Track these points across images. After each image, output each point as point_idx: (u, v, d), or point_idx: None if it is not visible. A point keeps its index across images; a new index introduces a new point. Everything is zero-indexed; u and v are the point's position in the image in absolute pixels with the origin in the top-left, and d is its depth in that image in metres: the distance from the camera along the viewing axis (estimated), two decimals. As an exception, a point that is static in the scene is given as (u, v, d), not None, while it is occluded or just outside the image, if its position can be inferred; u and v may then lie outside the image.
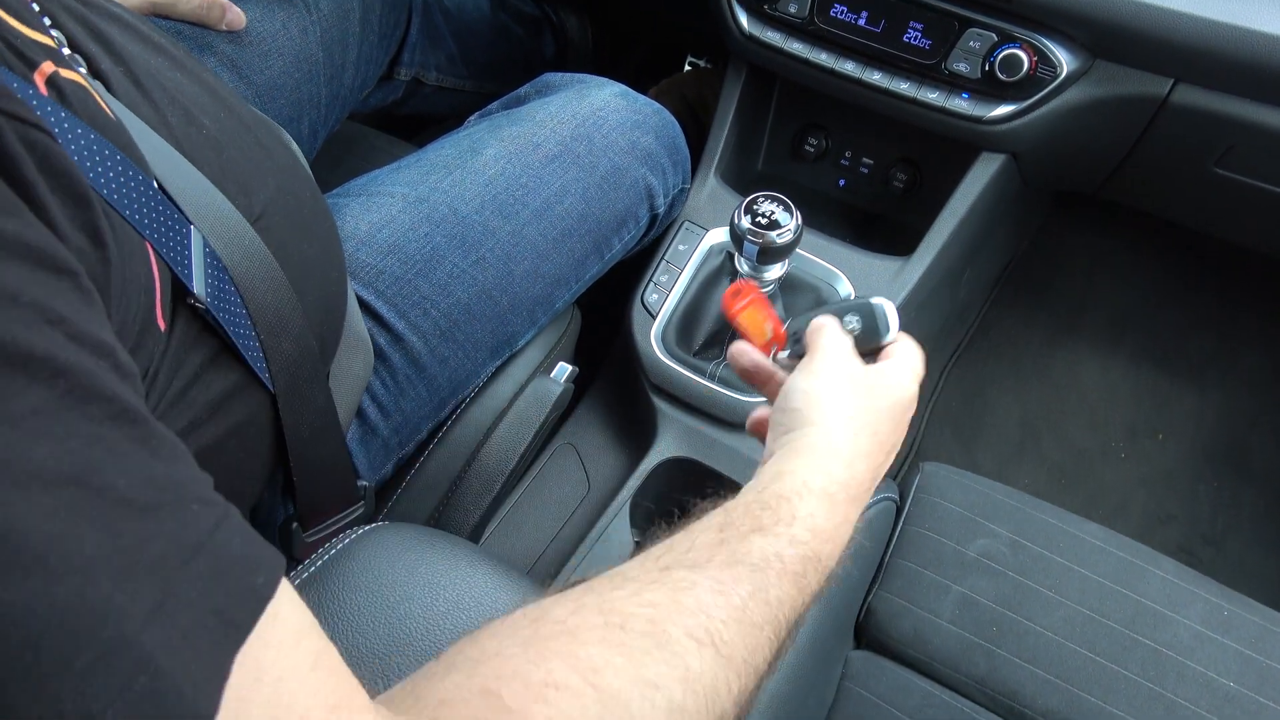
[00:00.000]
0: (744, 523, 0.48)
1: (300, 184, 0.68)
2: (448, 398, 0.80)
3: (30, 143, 0.32)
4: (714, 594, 0.43)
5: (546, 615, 0.40)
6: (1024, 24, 0.84)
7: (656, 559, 0.46)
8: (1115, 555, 0.77)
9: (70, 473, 0.27)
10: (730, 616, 0.43)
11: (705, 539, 0.47)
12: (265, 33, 0.87)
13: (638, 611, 0.41)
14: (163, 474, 0.30)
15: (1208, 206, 1.03)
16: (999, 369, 1.40)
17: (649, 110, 0.92)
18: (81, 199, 0.35)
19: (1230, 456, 1.32)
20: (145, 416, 0.31)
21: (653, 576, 0.44)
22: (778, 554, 0.47)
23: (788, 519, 0.49)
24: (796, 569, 0.47)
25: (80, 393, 0.28)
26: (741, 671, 0.43)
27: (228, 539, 0.31)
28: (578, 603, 0.41)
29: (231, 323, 0.54)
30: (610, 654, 0.39)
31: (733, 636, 0.43)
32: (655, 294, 0.95)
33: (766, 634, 0.45)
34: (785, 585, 0.46)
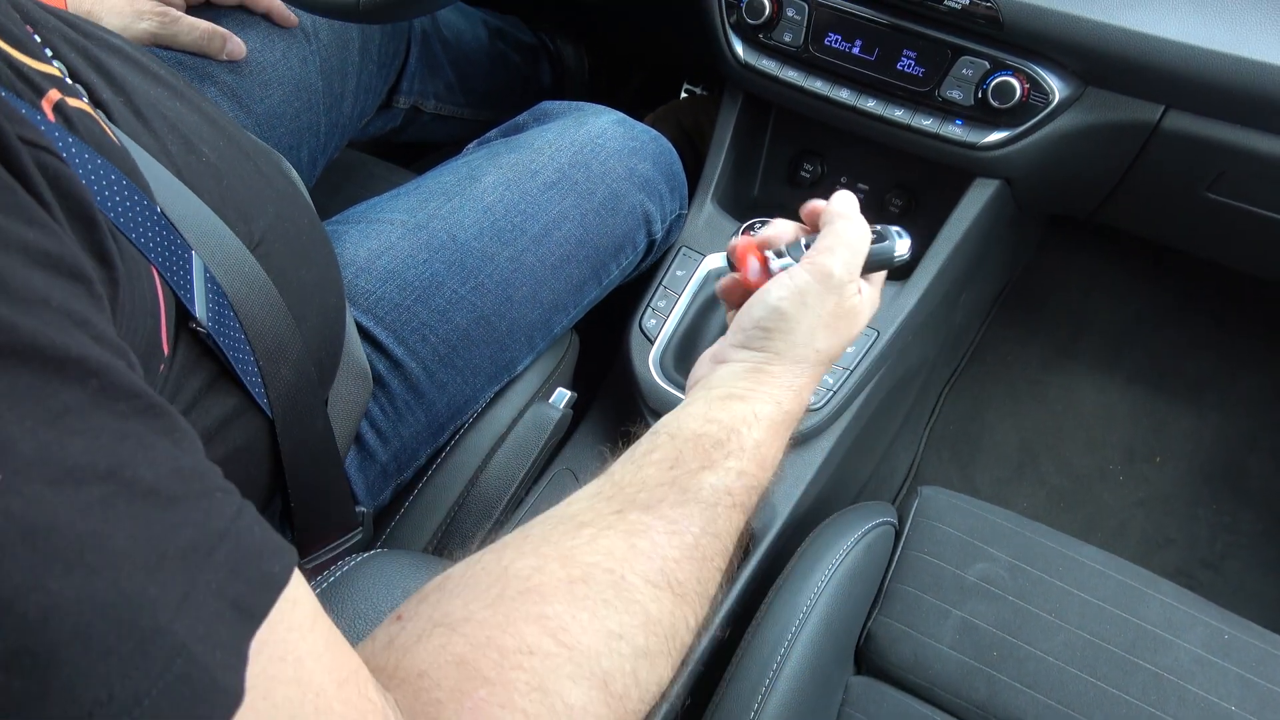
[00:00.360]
0: (694, 459, 0.50)
1: (299, 211, 0.68)
2: (446, 423, 0.80)
3: (42, 165, 0.33)
4: (667, 535, 0.46)
5: (509, 572, 0.42)
6: (1015, 52, 0.85)
7: (609, 499, 0.48)
8: (1115, 579, 0.77)
9: (103, 468, 0.28)
10: (684, 555, 0.46)
11: (656, 476, 0.49)
12: (265, 62, 0.88)
13: (597, 561, 0.44)
14: (189, 465, 0.32)
15: (1201, 231, 1.03)
16: (996, 391, 1.41)
17: (646, 137, 0.93)
18: (90, 221, 0.36)
19: (1228, 479, 1.32)
20: (168, 409, 0.32)
21: (608, 521, 0.46)
22: (727, 489, 0.50)
23: (736, 451, 0.51)
24: (743, 499, 0.51)
25: (111, 390, 0.30)
26: (697, 605, 0.47)
27: (249, 526, 0.32)
28: (538, 555, 0.43)
29: (231, 348, 0.54)
30: (576, 610, 0.41)
31: (687, 575, 0.46)
32: (653, 319, 0.95)
33: (716, 564, 0.48)
34: (734, 515, 0.50)
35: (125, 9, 0.81)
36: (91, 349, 0.30)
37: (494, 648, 0.38)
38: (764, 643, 0.70)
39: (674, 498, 0.48)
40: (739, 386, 0.54)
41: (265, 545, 0.33)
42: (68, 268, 0.31)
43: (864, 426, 0.99)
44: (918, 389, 1.27)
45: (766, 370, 0.55)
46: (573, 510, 0.47)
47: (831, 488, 0.97)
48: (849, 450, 0.98)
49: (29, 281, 0.29)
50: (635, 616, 0.43)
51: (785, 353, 0.55)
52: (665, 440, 0.51)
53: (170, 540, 0.29)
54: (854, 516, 0.81)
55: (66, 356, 0.28)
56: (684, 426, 0.52)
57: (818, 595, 0.73)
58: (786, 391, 0.55)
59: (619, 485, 0.48)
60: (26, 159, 0.32)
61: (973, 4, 0.82)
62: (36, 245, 0.30)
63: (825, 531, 0.79)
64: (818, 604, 0.72)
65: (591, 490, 0.49)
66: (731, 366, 0.55)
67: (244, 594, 0.31)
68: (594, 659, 0.40)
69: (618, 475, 0.49)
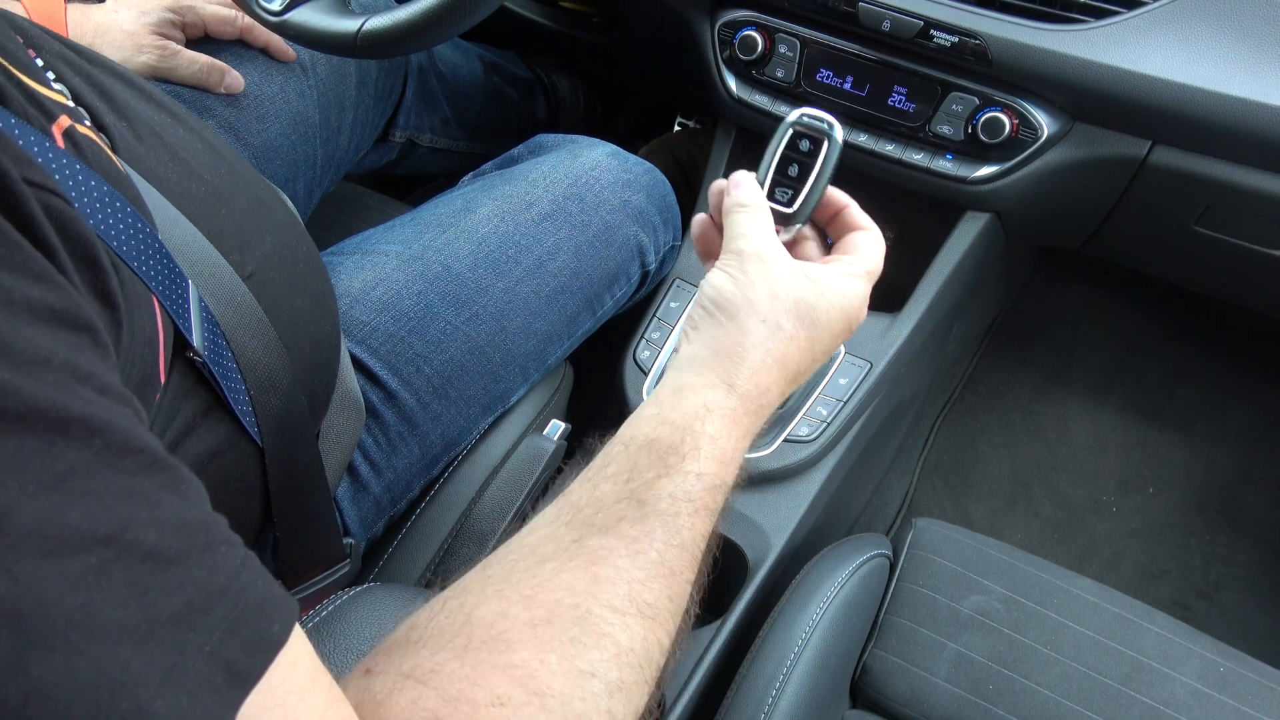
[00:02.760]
0: (649, 468, 0.48)
1: (297, 240, 0.68)
2: (440, 455, 0.80)
3: (48, 207, 0.33)
4: (630, 556, 0.45)
5: (473, 619, 0.41)
6: (1005, 88, 0.86)
7: (567, 524, 0.46)
8: (1110, 611, 0.77)
9: (103, 532, 0.28)
10: (649, 575, 0.45)
11: (612, 492, 0.47)
12: (263, 96, 0.89)
13: (560, 598, 0.42)
14: (194, 518, 0.32)
15: (1190, 264, 1.04)
16: (989, 422, 1.41)
17: (640, 169, 0.93)
18: (95, 264, 0.36)
19: (1222, 509, 1.32)
20: (173, 462, 0.32)
21: (568, 551, 0.45)
22: (686, 494, 0.47)
23: (692, 452, 0.48)
24: (705, 502, 0.48)
25: (115, 447, 0.30)
26: (668, 624, 0.45)
27: (251, 580, 0.32)
28: (501, 599, 0.42)
29: (224, 377, 0.54)
30: (543, 654, 0.40)
31: (655, 595, 0.44)
32: (647, 351, 0.96)
33: (685, 576, 0.47)
34: (697, 522, 0.48)
35: (125, 42, 0.82)
36: (96, 405, 0.30)
37: (465, 701, 0.38)
38: (759, 676, 0.70)
39: (633, 514, 0.46)
40: (688, 375, 0.51)
41: (267, 601, 0.33)
42: (72, 320, 0.31)
43: (858, 458, 0.99)
44: (911, 420, 1.27)
45: (715, 350, 0.52)
46: (532, 541, 0.46)
47: (826, 520, 0.97)
48: (843, 482, 0.97)
49: (33, 341, 0.29)
50: (605, 650, 0.42)
51: (729, 326, 0.52)
52: (620, 451, 0.49)
53: (164, 605, 0.29)
54: (848, 549, 0.81)
55: (70, 416, 0.28)
56: (638, 432, 0.49)
57: (813, 629, 0.72)
58: (743, 372, 0.51)
59: (576, 507, 0.47)
60: (33, 205, 0.32)
61: (962, 41, 0.84)
62: (41, 301, 0.30)
63: (820, 564, 0.79)
64: (813, 638, 0.72)
65: (550, 515, 0.48)
66: (684, 350, 0.53)
67: (238, 657, 0.30)
68: (566, 703, 0.39)
69: (575, 496, 0.48)
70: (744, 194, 0.57)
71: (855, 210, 0.61)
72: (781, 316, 0.53)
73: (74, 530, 0.27)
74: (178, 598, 0.29)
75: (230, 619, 0.31)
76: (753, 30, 0.93)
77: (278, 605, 0.33)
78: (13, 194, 0.31)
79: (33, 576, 0.26)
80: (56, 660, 0.26)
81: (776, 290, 0.53)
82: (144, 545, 0.29)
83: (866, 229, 0.60)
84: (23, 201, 0.32)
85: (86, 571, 0.27)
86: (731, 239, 0.55)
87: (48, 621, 0.26)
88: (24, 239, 0.31)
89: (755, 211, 0.56)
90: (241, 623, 0.31)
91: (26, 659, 0.26)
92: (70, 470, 0.28)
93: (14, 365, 0.28)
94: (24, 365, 0.28)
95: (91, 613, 0.27)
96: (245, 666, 0.31)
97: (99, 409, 0.30)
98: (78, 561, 0.27)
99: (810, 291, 0.54)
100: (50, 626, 0.26)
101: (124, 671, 0.27)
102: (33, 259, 0.31)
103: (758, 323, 0.52)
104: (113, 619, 0.27)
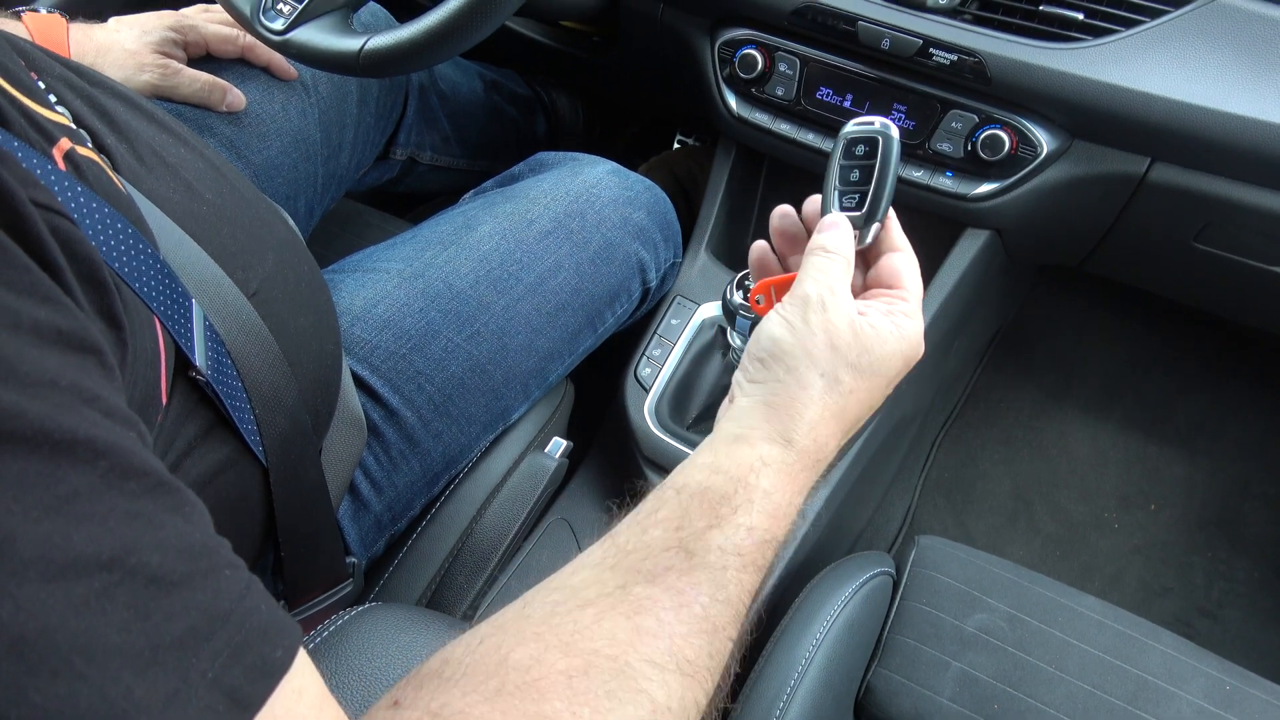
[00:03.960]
0: (700, 518, 0.46)
1: (299, 258, 0.68)
2: (441, 473, 0.79)
3: (54, 229, 0.33)
4: (674, 609, 0.43)
5: (508, 663, 0.40)
6: (1004, 106, 0.87)
7: (613, 568, 0.45)
8: (1114, 629, 0.76)
9: (107, 556, 0.28)
10: (692, 629, 0.43)
11: (661, 539, 0.46)
12: (265, 114, 0.89)
13: (599, 648, 0.41)
14: (198, 541, 0.32)
15: (1190, 280, 1.05)
16: (990, 438, 1.41)
17: (641, 187, 0.94)
18: (101, 285, 0.36)
19: (1223, 525, 1.32)
20: (177, 485, 0.32)
21: (611, 598, 0.43)
22: (736, 548, 0.46)
23: (744, 505, 0.47)
24: (754, 557, 0.47)
25: (120, 470, 0.30)
26: (707, 681, 0.44)
27: (255, 605, 0.32)
28: (539, 641, 0.41)
29: (228, 395, 0.54)
30: (576, 707, 0.39)
31: (696, 651, 0.43)
32: (648, 368, 0.95)
33: (728, 633, 0.45)
34: (744, 577, 0.46)
35: (127, 61, 0.82)
36: (101, 427, 0.30)
37: None
38: (762, 697, 0.69)
39: (680, 564, 0.45)
40: (745, 425, 0.50)
41: (270, 625, 0.32)
42: (79, 342, 0.31)
43: (859, 475, 0.99)
44: (912, 437, 1.27)
45: (772, 404, 0.50)
46: (575, 582, 0.45)
47: (828, 537, 0.97)
48: (845, 499, 0.97)
49: (40, 363, 0.29)
50: (641, 708, 0.40)
51: (791, 385, 0.51)
52: (671, 496, 0.48)
53: (167, 629, 0.29)
54: (851, 567, 0.80)
55: (75, 439, 0.28)
56: (690, 480, 0.48)
57: (816, 647, 0.72)
58: (801, 428, 0.50)
59: (623, 551, 0.46)
60: (41, 226, 0.32)
61: (961, 60, 0.84)
62: (49, 324, 0.30)
63: (823, 582, 0.79)
64: (816, 656, 0.72)
65: (596, 557, 0.46)
66: (739, 402, 0.52)
67: (241, 683, 0.30)
68: None
69: (622, 539, 0.47)
70: (831, 240, 0.54)
71: (894, 225, 0.59)
72: (841, 369, 0.51)
73: (78, 554, 0.27)
74: (181, 622, 0.29)
75: (234, 644, 0.30)
76: (752, 49, 0.94)
77: (281, 630, 0.33)
78: (21, 216, 0.32)
79: (36, 602, 0.26)
80: (59, 687, 0.26)
81: (836, 342, 0.51)
82: (148, 569, 0.29)
83: (902, 250, 0.58)
84: (31, 223, 0.32)
85: (90, 596, 0.27)
86: (802, 280, 0.53)
87: (51, 647, 0.26)
88: (32, 261, 0.31)
89: (836, 260, 0.53)
90: (245, 648, 0.31)
91: (28, 686, 0.25)
92: (75, 493, 0.28)
93: (21, 387, 0.28)
94: (31, 387, 0.28)
95: (95, 638, 0.27)
96: (248, 693, 0.30)
97: (105, 431, 0.30)
98: (81, 586, 0.27)
99: (872, 340, 0.52)
100: (54, 652, 0.26)
101: (126, 698, 0.27)
102: (40, 281, 0.31)
103: (816, 376, 0.51)
104: (115, 644, 0.27)
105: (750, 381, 0.52)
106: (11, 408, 0.27)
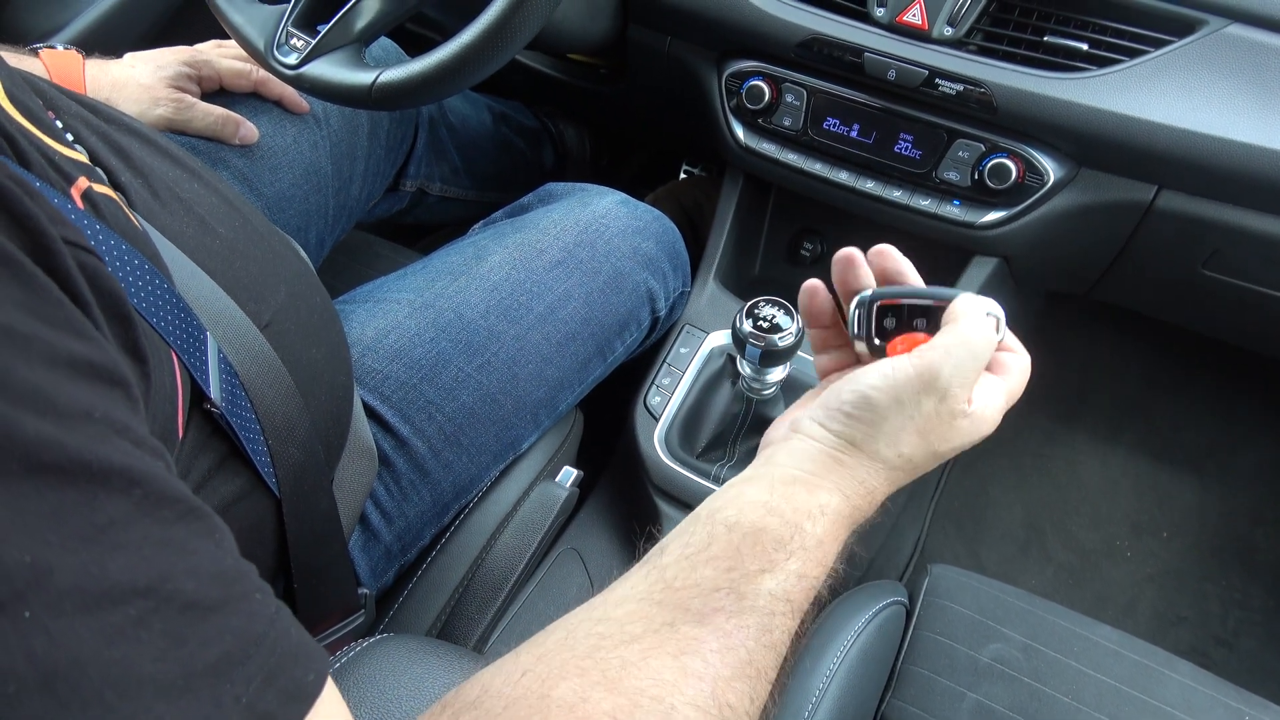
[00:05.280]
0: (753, 560, 0.46)
1: (311, 290, 0.69)
2: (451, 503, 0.79)
3: (82, 265, 0.34)
4: (721, 652, 0.43)
5: (551, 696, 0.39)
6: (1010, 135, 0.87)
7: (659, 604, 0.44)
8: (1130, 659, 0.75)
9: (143, 584, 0.28)
10: (736, 673, 0.43)
11: (712, 579, 0.45)
12: (277, 147, 0.90)
13: (644, 687, 0.40)
14: (230, 566, 0.32)
15: (1199, 307, 1.05)
16: (1000, 466, 1.40)
17: (649, 216, 0.94)
18: (126, 319, 0.36)
19: (1237, 553, 1.31)
20: (207, 510, 0.32)
21: (659, 634, 0.43)
22: (786, 594, 0.46)
23: (799, 551, 0.47)
24: (800, 603, 0.47)
25: (153, 498, 0.30)
26: None
27: (285, 628, 0.32)
28: (583, 677, 0.40)
29: (242, 427, 0.54)
30: None
31: (738, 696, 0.43)
32: (658, 396, 0.95)
33: (769, 676, 0.45)
34: (789, 623, 0.46)
35: (142, 95, 0.83)
36: (133, 456, 0.30)
37: None
38: (776, 729, 0.69)
39: (730, 606, 0.44)
40: (806, 469, 0.50)
41: (300, 649, 0.32)
42: (109, 375, 0.32)
43: (870, 503, 0.98)
44: (921, 464, 1.26)
45: (839, 458, 0.50)
46: (620, 614, 0.44)
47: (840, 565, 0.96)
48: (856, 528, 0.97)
49: (75, 396, 0.29)
50: None
51: (864, 445, 0.50)
52: (722, 533, 0.47)
53: (202, 656, 0.29)
54: (864, 596, 0.80)
55: (110, 468, 0.29)
56: (744, 517, 0.47)
57: (830, 679, 0.71)
58: (858, 486, 0.50)
59: (671, 586, 0.45)
60: (70, 263, 0.33)
61: (967, 90, 0.85)
62: (83, 357, 0.30)
63: (835, 612, 0.78)
64: (830, 688, 0.71)
65: (641, 589, 0.45)
66: (804, 444, 0.51)
67: (273, 708, 0.30)
68: None
69: (670, 573, 0.46)
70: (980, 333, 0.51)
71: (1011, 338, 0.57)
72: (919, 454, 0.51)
73: (113, 583, 0.27)
74: (215, 648, 0.29)
75: (267, 668, 0.30)
76: (760, 80, 0.95)
77: (311, 654, 0.33)
78: (54, 252, 0.32)
79: (70, 634, 0.26)
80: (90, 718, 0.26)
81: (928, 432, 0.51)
82: (183, 595, 0.29)
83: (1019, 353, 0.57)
84: (62, 260, 0.32)
85: (125, 624, 0.27)
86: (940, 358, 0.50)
87: (84, 680, 0.26)
88: (64, 296, 0.31)
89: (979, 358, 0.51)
90: (278, 672, 0.31)
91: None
92: (110, 522, 0.28)
93: (58, 419, 0.28)
94: (67, 419, 0.28)
95: (128, 668, 0.27)
96: (280, 717, 0.30)
97: (137, 460, 0.30)
98: (117, 614, 0.27)
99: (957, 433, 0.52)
100: (86, 685, 0.26)
101: None
102: (73, 316, 0.31)
103: (895, 454, 0.51)
104: (149, 673, 0.27)
105: (823, 427, 0.51)
106: (49, 440, 0.27)
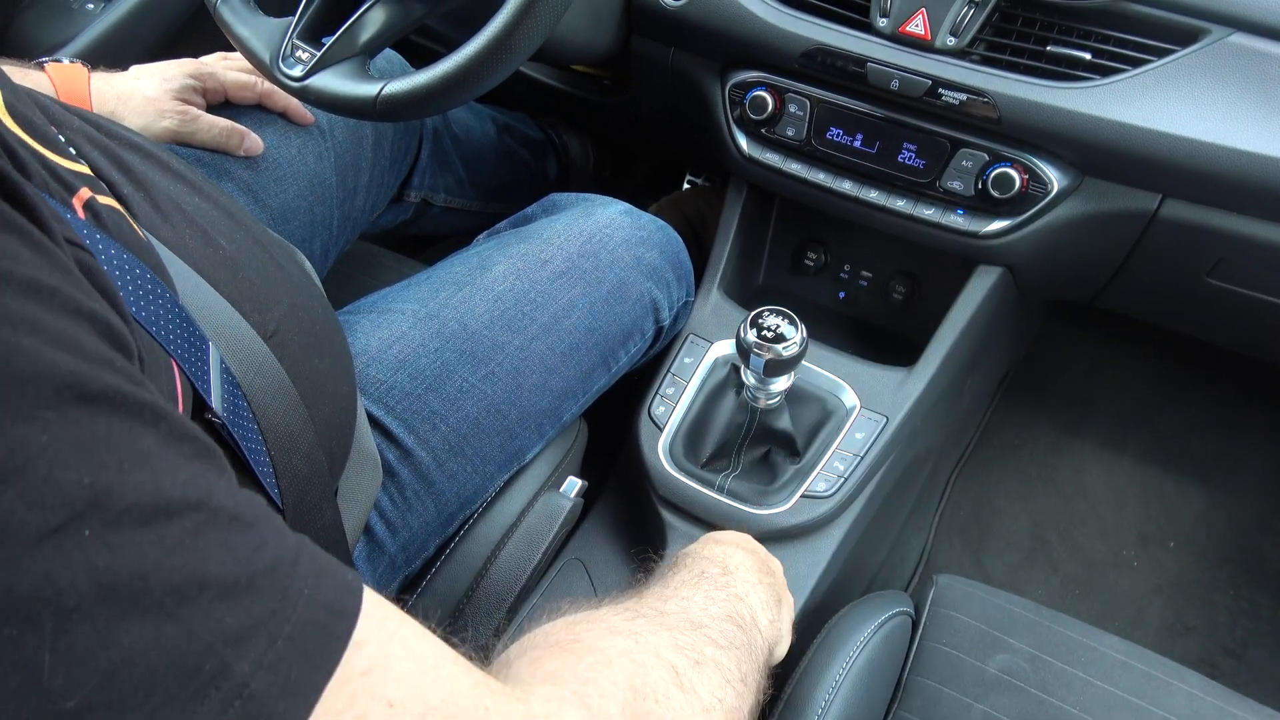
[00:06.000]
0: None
1: (314, 301, 0.69)
2: (455, 513, 0.79)
3: (80, 263, 0.35)
4: None
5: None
6: (1014, 144, 0.87)
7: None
8: (1138, 669, 0.75)
9: (194, 498, 0.30)
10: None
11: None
12: (281, 158, 0.90)
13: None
14: (247, 498, 0.34)
15: (1204, 316, 1.04)
16: (1005, 475, 1.40)
17: (653, 227, 0.94)
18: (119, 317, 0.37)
19: (1244, 562, 1.30)
20: (218, 450, 0.34)
21: None
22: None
23: None
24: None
25: (177, 434, 0.32)
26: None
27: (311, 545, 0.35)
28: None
29: (244, 438, 0.54)
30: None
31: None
32: (662, 406, 0.95)
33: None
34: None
35: (147, 108, 0.83)
36: (156, 396, 0.32)
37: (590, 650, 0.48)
38: (782, 740, 0.68)
39: None
40: None
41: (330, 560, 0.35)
42: (120, 339, 0.34)
43: (875, 514, 0.98)
44: (926, 475, 1.26)
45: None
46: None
47: (844, 577, 0.96)
48: (861, 538, 0.96)
49: (97, 346, 0.31)
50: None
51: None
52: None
53: (259, 558, 0.31)
54: (869, 607, 0.79)
55: (142, 403, 0.31)
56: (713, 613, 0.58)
57: (836, 690, 0.71)
58: None
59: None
60: (70, 259, 0.34)
61: (970, 100, 0.85)
62: (101, 316, 0.32)
63: (841, 623, 0.78)
64: (835, 700, 0.70)
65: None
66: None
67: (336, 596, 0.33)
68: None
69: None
70: None
71: None
72: None
73: (168, 499, 0.29)
74: (270, 551, 0.31)
75: (315, 568, 0.33)
76: (763, 90, 0.95)
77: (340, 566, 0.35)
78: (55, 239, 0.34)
79: (130, 547, 0.27)
80: (149, 627, 0.27)
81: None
82: (228, 510, 0.31)
83: None
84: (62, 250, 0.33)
85: (183, 535, 0.29)
86: None
87: (144, 589, 0.27)
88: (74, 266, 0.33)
89: None
90: (326, 572, 0.33)
91: (118, 629, 0.27)
92: (149, 450, 0.30)
93: (87, 360, 0.29)
94: (94, 361, 0.30)
95: (191, 574, 0.29)
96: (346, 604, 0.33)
97: (157, 399, 0.32)
98: (175, 526, 0.29)
99: None
100: (146, 594, 0.27)
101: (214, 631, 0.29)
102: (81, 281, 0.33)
103: None
104: (214, 574, 0.29)
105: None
106: (85, 373, 0.29)
